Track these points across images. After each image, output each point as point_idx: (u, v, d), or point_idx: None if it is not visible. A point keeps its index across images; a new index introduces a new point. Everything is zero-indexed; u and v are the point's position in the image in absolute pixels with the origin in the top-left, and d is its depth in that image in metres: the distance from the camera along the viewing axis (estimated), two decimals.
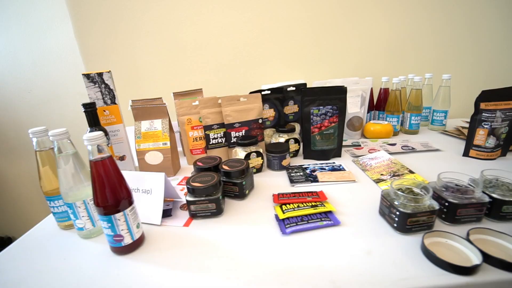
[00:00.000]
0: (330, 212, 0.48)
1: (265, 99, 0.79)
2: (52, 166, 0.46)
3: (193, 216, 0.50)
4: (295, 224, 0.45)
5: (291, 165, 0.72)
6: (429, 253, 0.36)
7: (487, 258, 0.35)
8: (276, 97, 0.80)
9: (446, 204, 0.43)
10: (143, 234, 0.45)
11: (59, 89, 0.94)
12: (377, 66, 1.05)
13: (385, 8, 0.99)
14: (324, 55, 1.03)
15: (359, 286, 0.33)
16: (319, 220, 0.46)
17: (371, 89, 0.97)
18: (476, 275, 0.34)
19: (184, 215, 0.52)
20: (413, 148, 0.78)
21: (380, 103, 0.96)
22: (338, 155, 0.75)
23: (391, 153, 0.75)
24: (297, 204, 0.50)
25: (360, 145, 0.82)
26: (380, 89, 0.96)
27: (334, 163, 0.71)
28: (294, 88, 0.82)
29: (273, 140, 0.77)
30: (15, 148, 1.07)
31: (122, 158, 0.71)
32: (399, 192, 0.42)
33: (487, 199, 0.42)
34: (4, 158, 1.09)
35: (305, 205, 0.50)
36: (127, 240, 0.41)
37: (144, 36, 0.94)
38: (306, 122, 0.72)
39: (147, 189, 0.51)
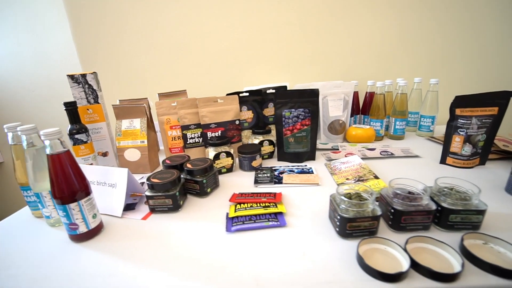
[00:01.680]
0: (280, 213, 0.49)
1: (244, 101, 0.81)
2: (24, 159, 0.50)
3: (152, 210, 0.53)
4: (241, 223, 0.46)
5: (263, 166, 0.73)
6: (360, 258, 0.36)
7: (416, 266, 0.35)
8: (254, 99, 0.82)
9: (392, 210, 0.42)
10: (101, 224, 0.48)
11: (60, 89, 1.02)
12: (368, 70, 1.03)
13: (375, 12, 0.97)
14: (312, 58, 1.03)
15: (281, 285, 0.34)
16: (266, 220, 0.47)
17: (357, 93, 0.96)
18: (402, 282, 0.33)
19: (146, 209, 0.55)
20: (392, 154, 0.76)
21: (365, 107, 0.95)
22: (312, 158, 0.75)
23: (368, 158, 0.74)
24: (250, 204, 0.52)
25: (338, 149, 0.82)
26: (366, 93, 0.94)
27: (306, 165, 0.72)
28: (273, 91, 0.83)
29: (250, 141, 0.79)
30: None
31: (105, 154, 0.76)
32: (341, 197, 0.42)
33: (434, 207, 0.41)
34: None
35: (258, 205, 0.51)
36: (82, 229, 0.45)
37: (136, 39, 1.00)
38: (278, 124, 0.72)
39: (112, 183, 0.55)
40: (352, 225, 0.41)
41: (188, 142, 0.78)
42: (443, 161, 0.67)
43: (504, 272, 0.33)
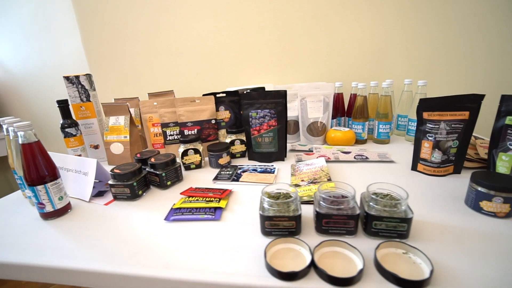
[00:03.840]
0: (219, 208, 0.51)
1: (221, 101, 0.84)
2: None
3: (114, 197, 0.59)
4: (181, 214, 0.50)
5: (232, 164, 0.75)
6: (264, 255, 0.37)
7: (316, 269, 0.35)
8: (231, 99, 0.85)
9: (315, 213, 0.42)
10: (69, 205, 0.56)
11: None
12: (356, 71, 1.00)
13: (363, 13, 0.93)
14: (298, 60, 1.03)
15: (185, 271, 0.37)
16: (203, 213, 0.50)
17: (341, 94, 0.93)
18: (296, 282, 0.34)
19: (111, 196, 0.61)
20: (366, 158, 0.73)
21: (350, 109, 0.92)
22: (281, 158, 0.76)
23: (340, 161, 0.73)
24: (197, 198, 0.55)
25: (312, 151, 0.81)
26: (350, 94, 0.91)
27: (272, 165, 0.73)
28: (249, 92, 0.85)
29: (226, 140, 0.82)
30: (46, 134, 1.37)
31: (96, 147, 0.86)
32: (263, 196, 0.43)
33: (356, 212, 0.40)
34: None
35: (203, 199, 0.54)
36: (48, 208, 0.52)
37: (135, 44, 1.09)
38: (246, 124, 0.75)
39: (85, 172, 0.62)
40: (271, 224, 0.42)
41: (167, 139, 0.84)
42: (414, 167, 0.63)
43: (402, 282, 0.31)
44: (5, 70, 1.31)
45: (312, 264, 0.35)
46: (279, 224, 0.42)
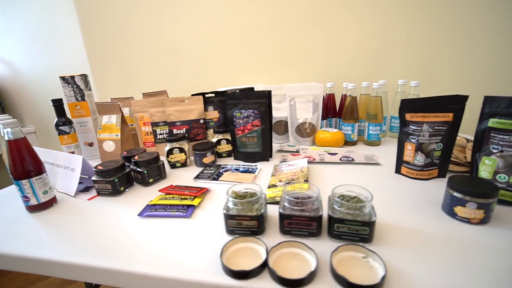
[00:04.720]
0: (192, 205, 0.52)
1: (210, 101, 0.85)
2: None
3: (98, 193, 0.61)
4: (155, 210, 0.51)
5: (217, 163, 0.76)
6: (221, 254, 0.38)
7: (269, 270, 0.35)
8: (220, 99, 0.86)
9: (278, 213, 0.42)
10: (54, 199, 0.58)
11: None
12: (350, 72, 0.98)
13: (360, 13, 0.91)
14: (292, 60, 1.02)
15: (145, 265, 0.38)
16: (176, 210, 0.51)
17: (333, 95, 0.92)
18: (247, 281, 0.34)
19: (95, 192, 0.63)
20: (352, 160, 0.72)
21: (341, 110, 0.90)
22: (266, 159, 0.76)
23: (325, 163, 0.72)
24: (173, 195, 0.56)
25: (299, 152, 0.80)
26: (342, 95, 0.90)
27: (255, 165, 0.73)
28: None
29: (213, 140, 0.83)
30: (51, 132, 1.44)
31: (90, 145, 0.89)
32: (227, 195, 0.43)
33: (319, 214, 0.40)
34: (44, 138, 1.48)
35: (178, 196, 0.55)
36: (33, 202, 0.55)
37: (135, 46, 1.13)
38: (231, 124, 0.75)
39: (72, 168, 0.65)
40: (232, 223, 0.42)
41: (157, 138, 0.86)
42: (398, 170, 0.61)
43: (351, 286, 0.31)
44: (14, 70, 1.40)
45: (265, 264, 0.35)
46: (242, 223, 0.42)
